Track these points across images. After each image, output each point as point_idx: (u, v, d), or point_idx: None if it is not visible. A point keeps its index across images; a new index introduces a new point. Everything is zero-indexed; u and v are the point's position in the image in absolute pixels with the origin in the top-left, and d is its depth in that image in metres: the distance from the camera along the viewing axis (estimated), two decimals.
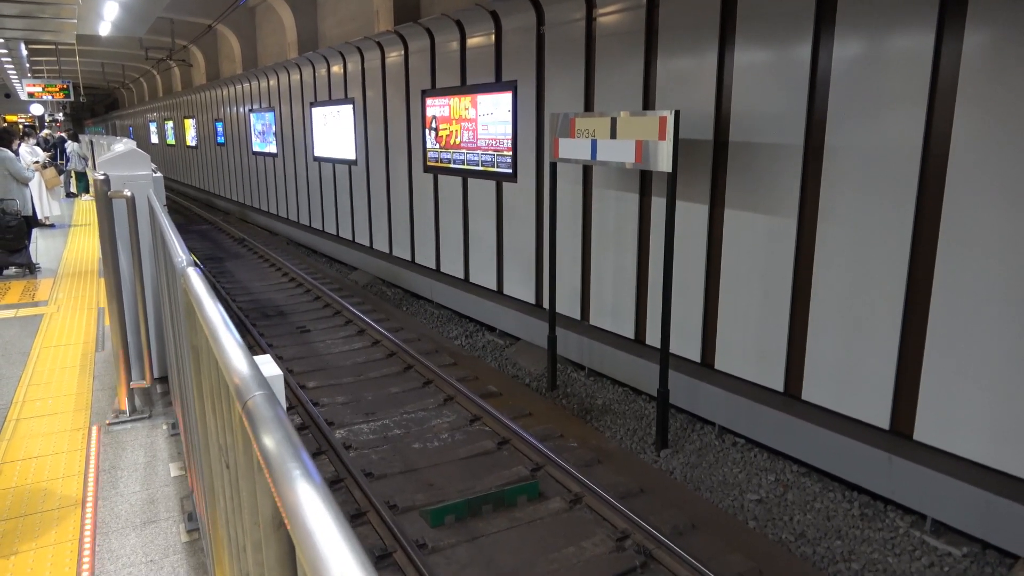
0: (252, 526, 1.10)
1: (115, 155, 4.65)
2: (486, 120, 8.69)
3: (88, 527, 3.16)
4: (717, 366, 6.20)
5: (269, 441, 0.87)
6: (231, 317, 1.82)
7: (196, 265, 2.17)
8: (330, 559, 0.65)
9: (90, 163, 16.79)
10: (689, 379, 6.13)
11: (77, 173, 16.60)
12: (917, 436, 4.83)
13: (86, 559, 2.93)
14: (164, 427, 4.18)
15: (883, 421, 5.01)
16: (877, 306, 4.97)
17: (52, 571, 2.85)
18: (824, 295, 5.29)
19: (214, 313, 1.47)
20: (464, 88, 9.07)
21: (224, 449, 1.49)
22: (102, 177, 4.14)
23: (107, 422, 4.21)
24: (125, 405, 4.28)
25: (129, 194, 4.09)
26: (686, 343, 6.41)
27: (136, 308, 4.34)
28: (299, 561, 0.83)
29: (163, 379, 4.64)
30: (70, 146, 17.28)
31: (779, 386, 5.68)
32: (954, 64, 4.42)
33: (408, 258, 11.23)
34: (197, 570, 2.87)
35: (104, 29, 16.06)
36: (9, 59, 20.94)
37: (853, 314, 5.12)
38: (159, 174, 4.78)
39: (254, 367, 1.16)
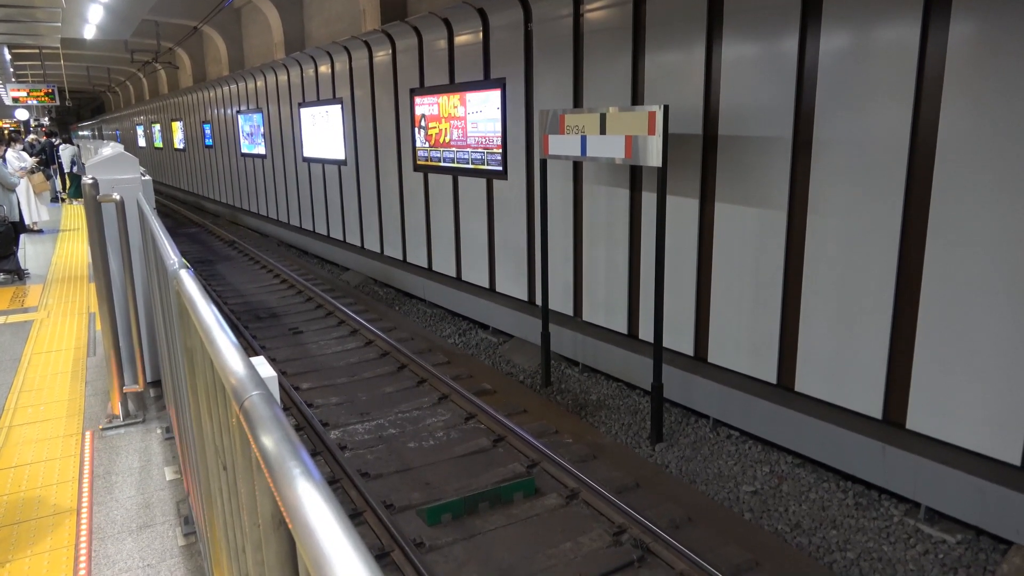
0: (252, 527, 1.10)
1: (103, 159, 4.62)
2: (475, 118, 8.68)
3: (84, 533, 3.14)
4: (710, 359, 6.22)
5: (268, 440, 0.87)
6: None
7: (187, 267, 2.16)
8: (332, 556, 0.65)
9: (76, 168, 16.64)
10: (683, 373, 6.15)
11: (72, 176, 16.44)
12: (910, 425, 4.86)
13: (82, 565, 2.92)
14: (158, 431, 4.16)
15: (876, 411, 5.04)
16: (868, 296, 5.00)
17: None
18: (815, 286, 5.32)
19: (208, 314, 1.47)
20: (453, 86, 9.06)
21: (221, 451, 1.49)
22: (91, 181, 4.11)
23: (100, 427, 4.19)
24: (118, 410, 4.26)
25: (118, 198, 4.07)
26: (679, 337, 6.43)
27: (127, 312, 4.32)
28: (301, 560, 0.83)
29: (156, 383, 4.62)
30: (65, 150, 17.07)
31: (772, 378, 5.71)
32: (940, 55, 4.44)
33: (400, 257, 11.21)
34: (195, 573, 2.86)
35: (89, 32, 15.92)
36: None
37: (844, 305, 5.15)
38: (148, 177, 4.75)
39: (250, 367, 1.15)
